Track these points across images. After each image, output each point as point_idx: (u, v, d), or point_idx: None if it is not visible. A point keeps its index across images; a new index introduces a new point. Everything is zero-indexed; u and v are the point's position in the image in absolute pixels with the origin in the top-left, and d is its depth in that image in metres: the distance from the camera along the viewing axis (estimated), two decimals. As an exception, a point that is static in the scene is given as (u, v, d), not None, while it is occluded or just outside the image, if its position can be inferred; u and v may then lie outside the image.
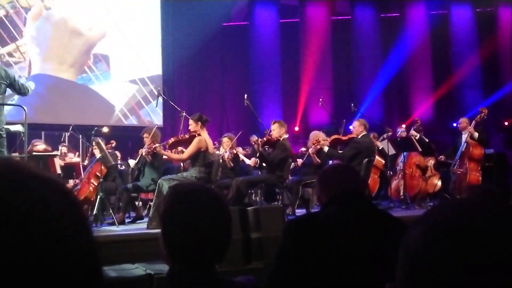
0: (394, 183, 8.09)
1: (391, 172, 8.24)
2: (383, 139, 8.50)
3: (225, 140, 7.46)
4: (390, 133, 8.84)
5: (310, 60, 12.54)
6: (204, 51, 12.26)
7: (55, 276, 0.49)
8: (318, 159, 7.09)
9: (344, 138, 7.20)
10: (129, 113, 11.47)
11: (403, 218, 2.69)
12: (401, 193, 7.92)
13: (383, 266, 1.48)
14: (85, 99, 10.92)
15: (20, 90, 5.37)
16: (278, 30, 12.71)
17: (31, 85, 5.54)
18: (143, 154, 6.34)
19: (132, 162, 6.94)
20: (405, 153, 7.90)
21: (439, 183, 8.15)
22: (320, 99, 8.39)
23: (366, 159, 6.81)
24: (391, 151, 7.90)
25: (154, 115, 11.41)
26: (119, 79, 11.44)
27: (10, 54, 10.27)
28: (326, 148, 6.97)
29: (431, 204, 7.45)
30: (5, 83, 5.14)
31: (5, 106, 5.45)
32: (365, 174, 6.76)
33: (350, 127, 7.69)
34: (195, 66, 12.55)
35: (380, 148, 8.07)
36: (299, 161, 7.65)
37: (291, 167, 7.49)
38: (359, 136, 6.98)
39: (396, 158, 8.33)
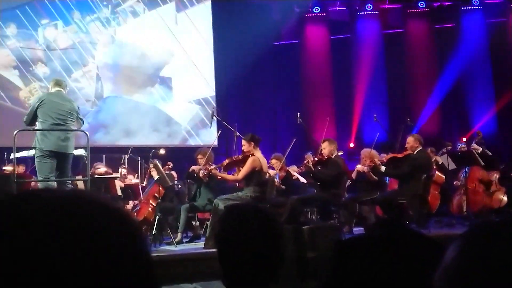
0: (456, 199, 7.78)
1: (452, 188, 7.95)
2: (443, 154, 8.22)
3: (273, 162, 7.43)
4: (449, 147, 8.55)
5: (362, 75, 12.40)
6: (255, 70, 12.41)
7: None
8: (374, 177, 6.95)
9: (399, 155, 7.02)
10: (186, 134, 11.76)
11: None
12: (464, 209, 7.61)
13: None
14: (154, 119, 11.38)
15: (78, 125, 5.72)
16: (329, 46, 12.68)
17: (83, 121, 5.93)
18: (200, 175, 6.44)
19: (197, 168, 6.90)
20: (466, 167, 7.60)
21: (505, 198, 7.76)
22: (375, 115, 8.26)
23: (425, 175, 6.60)
24: (452, 165, 7.62)
25: (209, 136, 11.62)
26: (178, 101, 11.81)
27: (76, 80, 10.81)
28: (383, 168, 6.83)
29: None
30: (75, 115, 5.55)
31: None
32: (424, 190, 6.56)
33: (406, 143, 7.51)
34: (248, 86, 12.71)
35: (439, 163, 7.81)
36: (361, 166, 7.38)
37: (347, 184, 7.37)
38: (415, 152, 6.79)
39: (457, 173, 8.02)
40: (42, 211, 0.53)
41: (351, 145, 12.14)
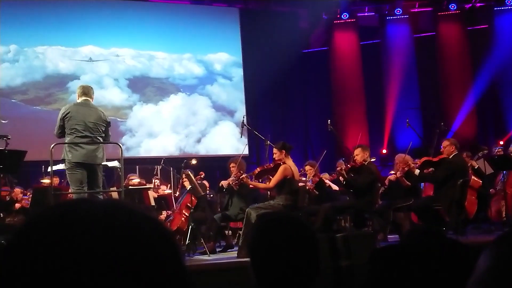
0: (494, 205, 7.55)
1: (490, 193, 7.72)
2: (479, 158, 8.01)
3: (307, 168, 7.43)
4: (486, 151, 8.33)
5: (394, 80, 12.25)
6: (285, 79, 12.43)
7: None
8: (408, 182, 6.82)
9: (434, 159, 6.88)
10: (217, 144, 11.85)
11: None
12: (503, 215, 7.37)
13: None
14: (184, 129, 11.64)
15: (107, 135, 5.58)
16: (359, 52, 12.58)
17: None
18: (231, 183, 6.48)
19: (225, 183, 6.95)
20: (504, 172, 7.38)
21: (547, 202, 7.48)
22: (407, 119, 8.13)
23: (461, 180, 6.44)
24: (489, 170, 7.41)
25: (239, 145, 11.67)
26: (209, 111, 11.93)
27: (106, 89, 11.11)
28: (417, 171, 6.70)
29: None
30: (104, 125, 5.46)
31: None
32: (460, 195, 6.39)
33: (441, 147, 7.35)
34: (277, 95, 12.73)
35: (476, 167, 7.61)
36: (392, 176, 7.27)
37: (381, 191, 7.26)
38: (451, 156, 6.64)
39: (495, 178, 7.80)
40: (81, 223, 0.54)
41: (384, 151, 11.97)
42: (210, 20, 12.19)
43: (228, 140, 11.90)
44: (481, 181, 7.58)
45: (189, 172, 6.88)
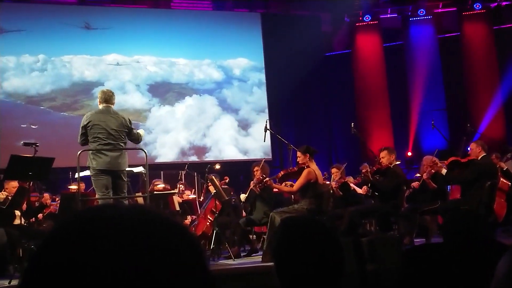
0: (524, 207, 7.36)
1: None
2: (507, 160, 7.84)
3: (333, 171, 7.41)
4: (515, 153, 8.13)
5: (418, 81, 12.10)
6: (307, 82, 12.40)
7: None
8: (434, 184, 6.71)
9: (462, 160, 6.75)
10: (240, 148, 11.88)
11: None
12: (534, 218, 7.18)
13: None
14: (207, 133, 11.77)
15: (134, 138, 5.62)
16: (382, 54, 12.48)
17: (141, 133, 5.79)
18: (251, 186, 6.50)
19: (243, 197, 7.10)
20: (534, 173, 7.19)
21: None
22: (433, 121, 8.01)
23: (489, 182, 6.31)
24: (518, 172, 7.23)
25: (263, 149, 11.68)
26: (232, 116, 11.99)
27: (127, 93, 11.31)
28: (444, 171, 6.58)
29: None
30: (126, 130, 5.49)
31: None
32: (488, 198, 6.26)
33: (469, 149, 7.22)
34: (300, 98, 12.70)
35: (504, 169, 7.44)
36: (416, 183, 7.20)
37: (406, 194, 7.17)
38: (479, 158, 6.51)
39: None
40: (107, 229, 0.55)
41: (409, 153, 11.82)
42: (232, 26, 12.26)
43: (250, 144, 11.93)
44: (510, 183, 7.41)
45: (213, 176, 6.92)
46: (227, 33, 12.13)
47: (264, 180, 6.25)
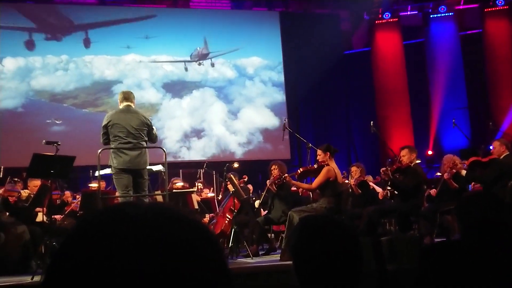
0: (548, 207, 7.21)
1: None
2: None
3: (353, 169, 7.35)
4: (538, 152, 7.95)
5: (439, 79, 11.94)
6: (326, 81, 12.34)
7: None
8: (455, 184, 6.62)
9: (484, 159, 6.64)
10: (258, 147, 11.89)
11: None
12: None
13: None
14: (225, 132, 11.90)
15: (152, 137, 5.61)
16: (403, 52, 12.35)
17: (156, 133, 5.82)
18: (267, 184, 6.50)
19: (257, 203, 7.08)
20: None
21: None
22: (454, 120, 7.90)
23: (511, 182, 6.19)
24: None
25: (281, 148, 11.67)
26: (251, 115, 12.02)
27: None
28: (463, 172, 6.49)
29: None
30: (146, 129, 5.52)
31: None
32: (511, 198, 6.14)
33: (491, 147, 7.10)
34: (319, 97, 12.65)
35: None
36: (433, 191, 7.14)
37: (426, 193, 7.08)
38: (501, 157, 6.40)
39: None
40: (128, 226, 0.56)
41: (429, 152, 11.68)
42: (250, 24, 12.27)
43: (269, 143, 11.92)
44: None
45: (232, 175, 6.93)
46: (246, 31, 12.16)
47: (283, 177, 6.24)
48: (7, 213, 5.81)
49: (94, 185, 7.41)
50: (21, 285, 4.33)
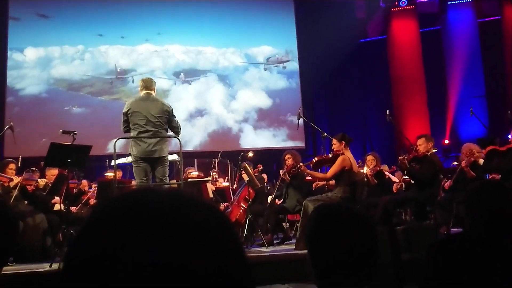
0: None
1: None
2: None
3: (368, 158, 7.28)
4: (558, 141, 7.82)
5: (457, 67, 11.77)
6: (342, 69, 12.24)
7: None
8: (472, 173, 6.53)
9: (502, 148, 6.54)
10: (273, 136, 11.88)
11: None
12: None
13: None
14: (240, 121, 11.93)
15: (174, 125, 5.59)
16: (419, 40, 12.18)
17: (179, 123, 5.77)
18: (281, 174, 6.49)
19: (270, 198, 7.06)
20: None
21: None
22: (471, 108, 7.79)
23: (530, 171, 6.09)
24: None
25: (296, 137, 11.64)
26: (264, 103, 12.01)
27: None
28: (481, 161, 6.40)
29: None
30: (166, 116, 5.53)
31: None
32: (530, 188, 6.04)
33: (509, 136, 6.99)
34: (334, 86, 12.57)
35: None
36: (447, 184, 7.04)
37: (443, 183, 7.01)
38: (520, 146, 6.29)
39: None
40: (146, 211, 0.56)
41: (446, 141, 11.56)
42: (265, 13, 12.21)
43: (283, 132, 11.90)
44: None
45: (247, 164, 6.93)
46: (261, 20, 12.13)
47: (298, 166, 6.22)
48: (26, 202, 5.90)
49: (110, 174, 7.49)
50: (40, 273, 4.40)
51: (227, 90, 12.00)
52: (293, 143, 11.44)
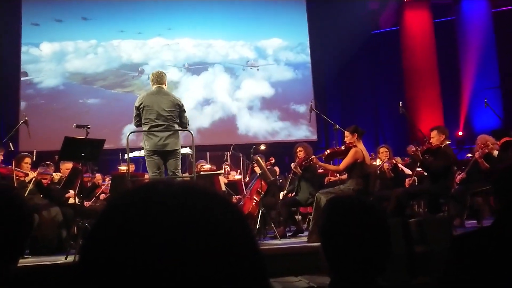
0: None
1: None
2: None
3: (382, 150, 7.24)
4: None
5: (471, 58, 11.63)
6: (354, 61, 12.16)
7: (229, 285, 0.53)
8: (486, 164, 6.47)
9: (516, 140, 6.46)
10: (285, 129, 11.87)
11: None
12: None
13: None
14: (252, 113, 11.95)
15: (183, 121, 5.61)
16: (432, 31, 12.04)
17: (188, 118, 5.79)
18: (292, 167, 6.49)
19: (282, 194, 7.05)
20: None
21: None
22: (485, 99, 7.69)
23: (546, 163, 6.01)
24: None
25: (308, 130, 11.61)
26: (277, 95, 12.01)
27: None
28: (495, 152, 6.33)
29: None
30: (178, 110, 5.57)
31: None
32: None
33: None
34: (346, 78, 12.49)
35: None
36: (458, 178, 6.96)
37: (457, 175, 6.95)
38: (535, 137, 6.21)
39: None
40: (159, 203, 0.56)
41: (460, 133, 11.45)
42: (276, 5, 12.17)
43: (295, 125, 11.88)
44: None
45: (259, 157, 6.94)
46: (272, 12, 12.09)
47: (310, 158, 6.21)
48: (41, 195, 5.97)
49: (123, 167, 7.54)
50: (56, 265, 4.46)
51: (230, 81, 12.05)
52: (305, 135, 11.42)
